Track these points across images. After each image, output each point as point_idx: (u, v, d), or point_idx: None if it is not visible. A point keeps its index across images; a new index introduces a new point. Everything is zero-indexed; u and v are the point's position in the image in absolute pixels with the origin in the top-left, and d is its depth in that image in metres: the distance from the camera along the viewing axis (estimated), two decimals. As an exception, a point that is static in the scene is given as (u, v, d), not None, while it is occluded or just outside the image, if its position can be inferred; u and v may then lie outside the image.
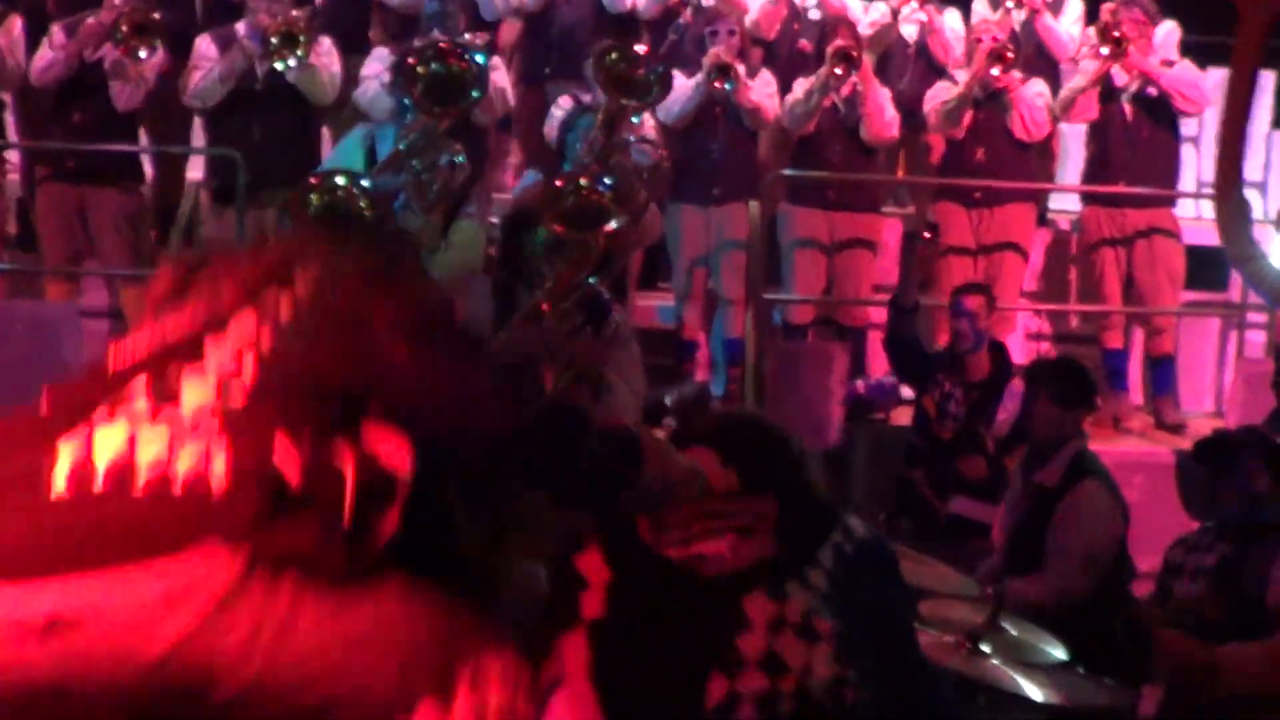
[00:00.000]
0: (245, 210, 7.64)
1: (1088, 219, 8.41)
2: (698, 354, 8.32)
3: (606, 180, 5.37)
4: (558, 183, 5.30)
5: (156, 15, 7.73)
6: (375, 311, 1.42)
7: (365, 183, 5.14)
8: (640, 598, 2.62)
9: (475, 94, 5.52)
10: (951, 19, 8.69)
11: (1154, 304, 8.19)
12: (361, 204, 5.07)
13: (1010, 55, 7.95)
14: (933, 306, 7.82)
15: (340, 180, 5.10)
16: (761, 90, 8.00)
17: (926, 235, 6.91)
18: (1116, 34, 7.92)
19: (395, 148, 5.58)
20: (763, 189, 8.02)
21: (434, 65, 5.45)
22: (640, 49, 6.06)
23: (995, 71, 7.97)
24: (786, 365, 7.87)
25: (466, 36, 7.60)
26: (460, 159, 5.60)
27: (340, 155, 6.25)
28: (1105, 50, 7.95)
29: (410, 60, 5.55)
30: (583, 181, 5.31)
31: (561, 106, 7.73)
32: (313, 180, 5.08)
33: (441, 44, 5.63)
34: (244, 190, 7.58)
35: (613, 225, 5.21)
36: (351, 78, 7.96)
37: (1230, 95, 3.68)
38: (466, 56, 5.48)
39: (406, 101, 5.78)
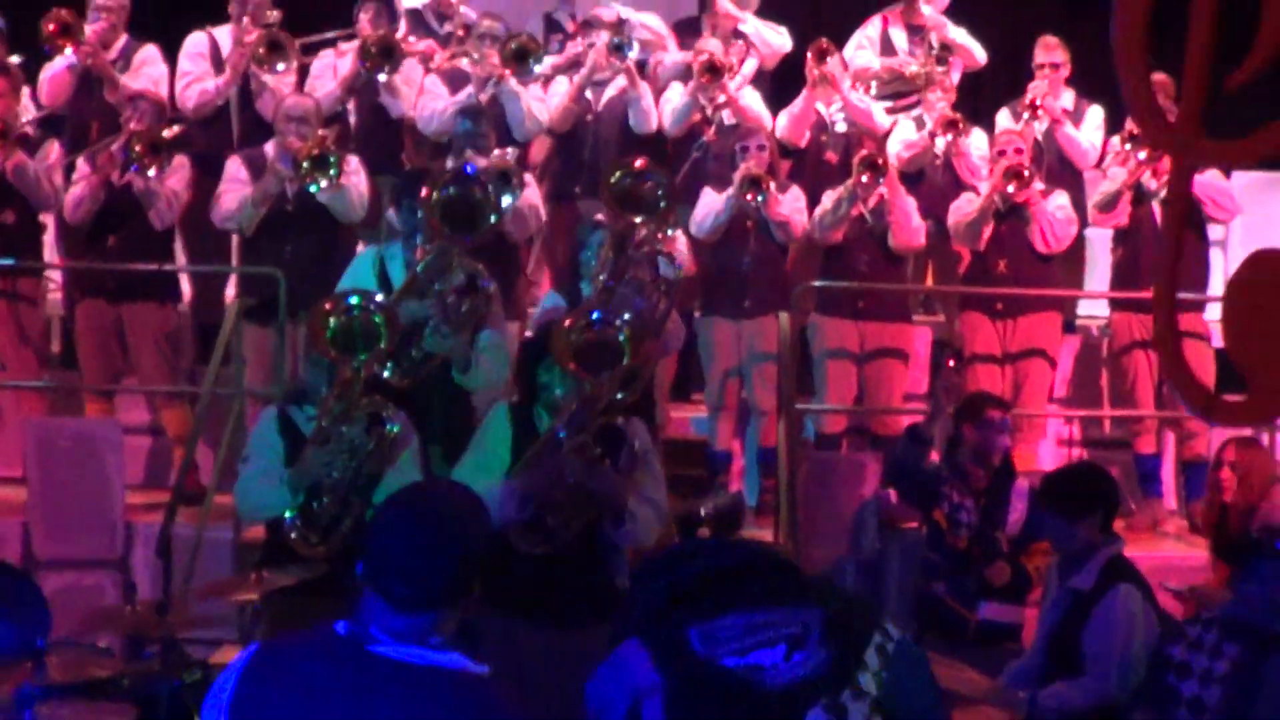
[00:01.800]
0: (282, 328, 7.76)
1: (1118, 324, 8.47)
2: (731, 465, 8.36)
3: (624, 315, 5.45)
4: (567, 322, 5.40)
5: (167, 133, 7.92)
6: None
7: (379, 299, 5.27)
8: (701, 707, 2.67)
9: (492, 219, 5.68)
10: (977, 138, 8.79)
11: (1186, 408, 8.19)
12: (376, 320, 5.21)
13: (1026, 173, 8.05)
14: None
15: (353, 300, 5.24)
16: (791, 204, 8.12)
17: (950, 364, 6.95)
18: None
19: (412, 271, 5.72)
20: (793, 300, 8.11)
21: (449, 190, 5.61)
22: (641, 164, 6.22)
23: (1011, 189, 8.07)
24: (820, 475, 7.91)
25: (497, 153, 7.76)
26: (482, 279, 5.73)
27: (352, 276, 6.36)
28: (1142, 155, 8.04)
29: (425, 189, 5.70)
30: (596, 316, 5.41)
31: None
32: (328, 304, 5.21)
33: (456, 170, 5.78)
34: (284, 307, 7.70)
35: (625, 363, 5.30)
36: (381, 196, 8.13)
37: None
38: (482, 184, 5.64)
39: (417, 217, 5.94)
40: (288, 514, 5.39)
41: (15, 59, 8.48)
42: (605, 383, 5.16)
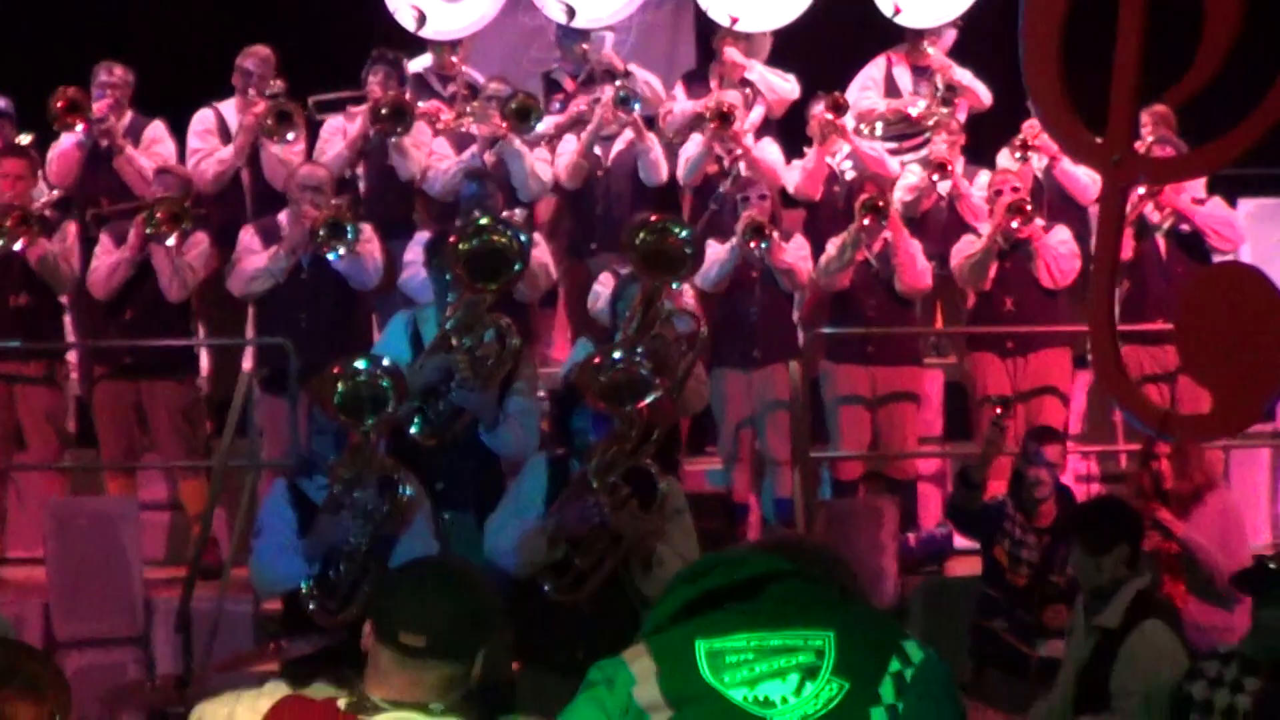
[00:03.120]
0: (297, 398, 7.77)
1: (1127, 357, 8.38)
2: (749, 516, 8.34)
3: (641, 352, 5.50)
4: (595, 360, 5.45)
5: (188, 203, 7.96)
6: None
7: (386, 364, 5.29)
8: None
9: (517, 267, 5.70)
10: (983, 177, 8.79)
11: (1203, 438, 8.16)
12: (383, 384, 5.22)
13: (1029, 208, 8.06)
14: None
15: (360, 365, 5.26)
16: (795, 251, 8.13)
17: (998, 410, 6.95)
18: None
19: (442, 327, 5.74)
20: (802, 348, 8.10)
21: (475, 241, 5.63)
22: (667, 222, 6.24)
23: (1015, 224, 8.07)
24: (838, 522, 7.88)
25: (505, 214, 7.79)
26: (509, 332, 5.75)
27: (386, 342, 6.38)
28: (1141, 190, 8.06)
29: (452, 238, 5.73)
30: (618, 355, 5.45)
31: (603, 283, 7.90)
32: (335, 370, 5.24)
33: (482, 220, 5.81)
34: (295, 378, 7.71)
35: (650, 398, 5.33)
36: (395, 262, 8.15)
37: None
38: (508, 231, 5.67)
39: (447, 279, 5.96)
40: (304, 584, 5.40)
41: (25, 138, 8.53)
42: (633, 418, 5.20)
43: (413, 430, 5.82)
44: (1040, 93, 3.54)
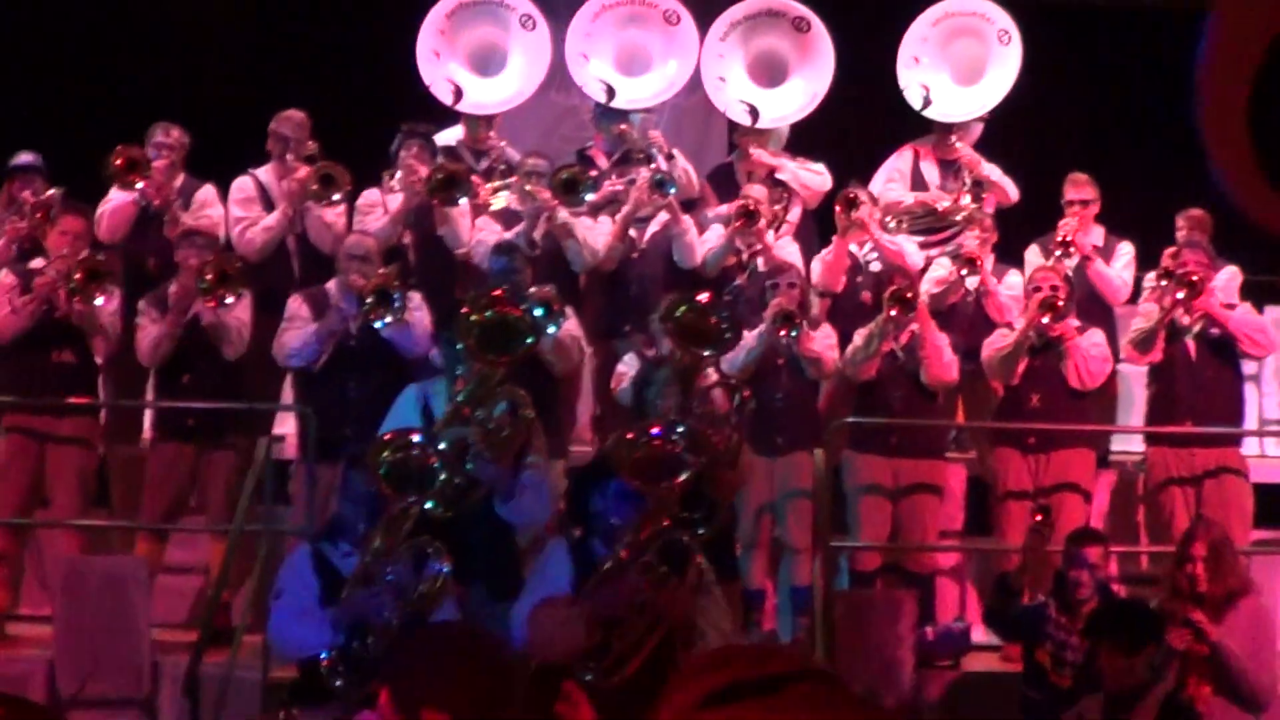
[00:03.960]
0: (314, 466, 7.73)
1: (1154, 459, 8.42)
2: (765, 603, 8.27)
3: (679, 429, 5.45)
4: (629, 435, 5.39)
5: (239, 263, 7.95)
6: None
7: (443, 445, 5.23)
8: None
9: (529, 340, 5.66)
10: (1012, 277, 8.80)
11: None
12: (434, 462, 5.17)
13: (1061, 304, 8.05)
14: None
15: (415, 439, 5.21)
16: (823, 340, 8.13)
17: (1038, 518, 6.90)
18: (1195, 277, 8.04)
19: (455, 400, 5.70)
20: (826, 437, 8.07)
21: (487, 313, 5.60)
22: (705, 298, 6.22)
23: (1046, 320, 8.06)
24: (855, 613, 7.81)
25: (532, 291, 7.77)
26: (522, 405, 5.71)
27: (396, 415, 6.34)
28: (1181, 295, 8.05)
29: (464, 309, 5.70)
30: (654, 431, 5.40)
31: (627, 363, 7.88)
32: (385, 438, 5.19)
33: (495, 292, 5.78)
34: (314, 445, 7.72)
35: (685, 475, 5.28)
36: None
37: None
38: (521, 304, 5.64)
39: (456, 350, 5.93)
40: (324, 654, 5.33)
41: (54, 192, 8.53)
42: (667, 496, 5.14)
43: (428, 506, 5.76)
44: (1221, 148, 3.33)
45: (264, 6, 12.27)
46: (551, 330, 7.40)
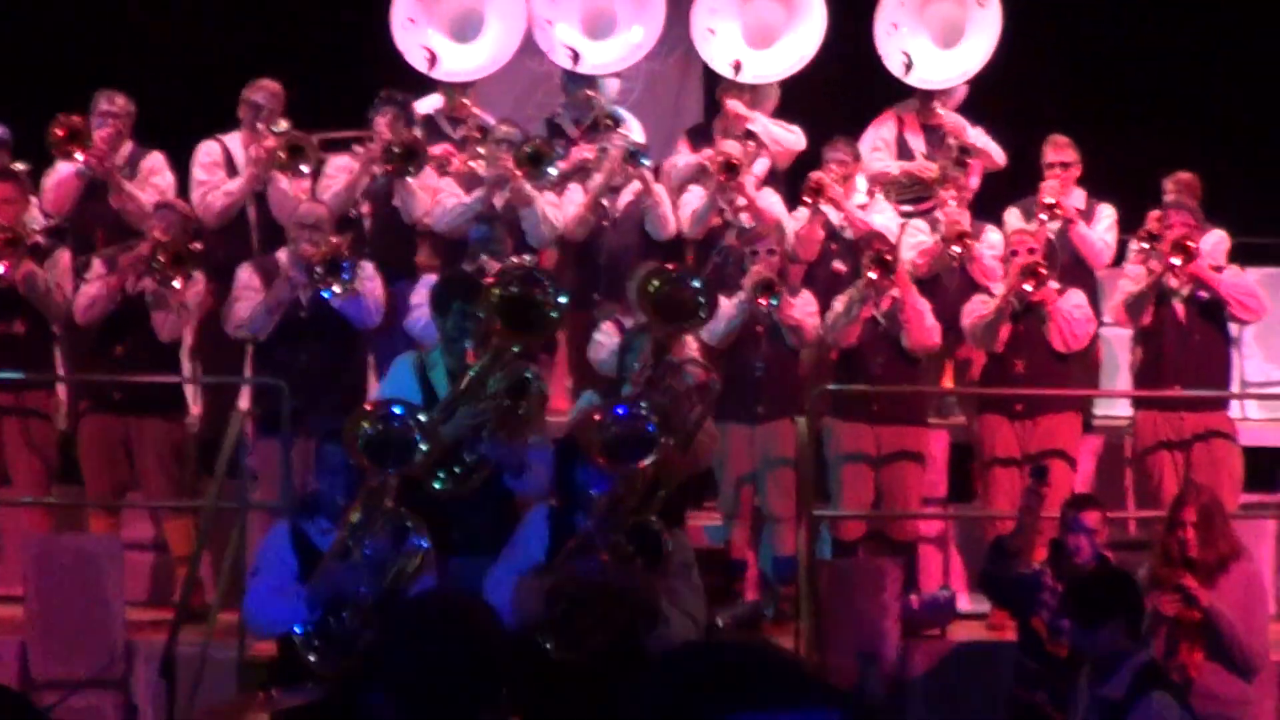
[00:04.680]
0: (291, 439, 7.61)
1: (1142, 423, 8.34)
2: (747, 573, 8.18)
3: (646, 407, 5.35)
4: (598, 416, 5.30)
5: (195, 245, 7.81)
6: None
7: (422, 416, 5.12)
8: None
9: (555, 315, 5.53)
10: (992, 234, 8.72)
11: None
12: (414, 436, 5.06)
13: (1043, 271, 7.96)
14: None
15: (394, 409, 5.09)
16: (803, 308, 8.05)
17: (1034, 477, 6.82)
18: (1189, 242, 7.95)
19: (464, 375, 5.56)
20: (807, 405, 7.97)
21: (513, 288, 5.47)
22: (680, 271, 6.12)
23: (1028, 288, 7.97)
24: (839, 582, 7.74)
25: (513, 260, 7.65)
26: (536, 379, 5.59)
27: (393, 384, 6.22)
28: (1177, 261, 7.96)
29: (489, 280, 5.55)
30: (622, 411, 5.30)
31: (605, 332, 7.78)
32: (367, 408, 5.07)
33: (530, 270, 5.65)
34: (288, 419, 7.56)
35: (653, 456, 5.19)
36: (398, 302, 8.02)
37: None
38: (550, 287, 5.51)
39: (458, 324, 5.80)
40: (298, 629, 5.22)
41: (20, 166, 8.39)
42: (636, 475, 5.07)
43: (436, 485, 5.62)
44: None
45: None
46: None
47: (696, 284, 6.19)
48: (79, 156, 8.28)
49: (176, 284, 7.71)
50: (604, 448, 5.21)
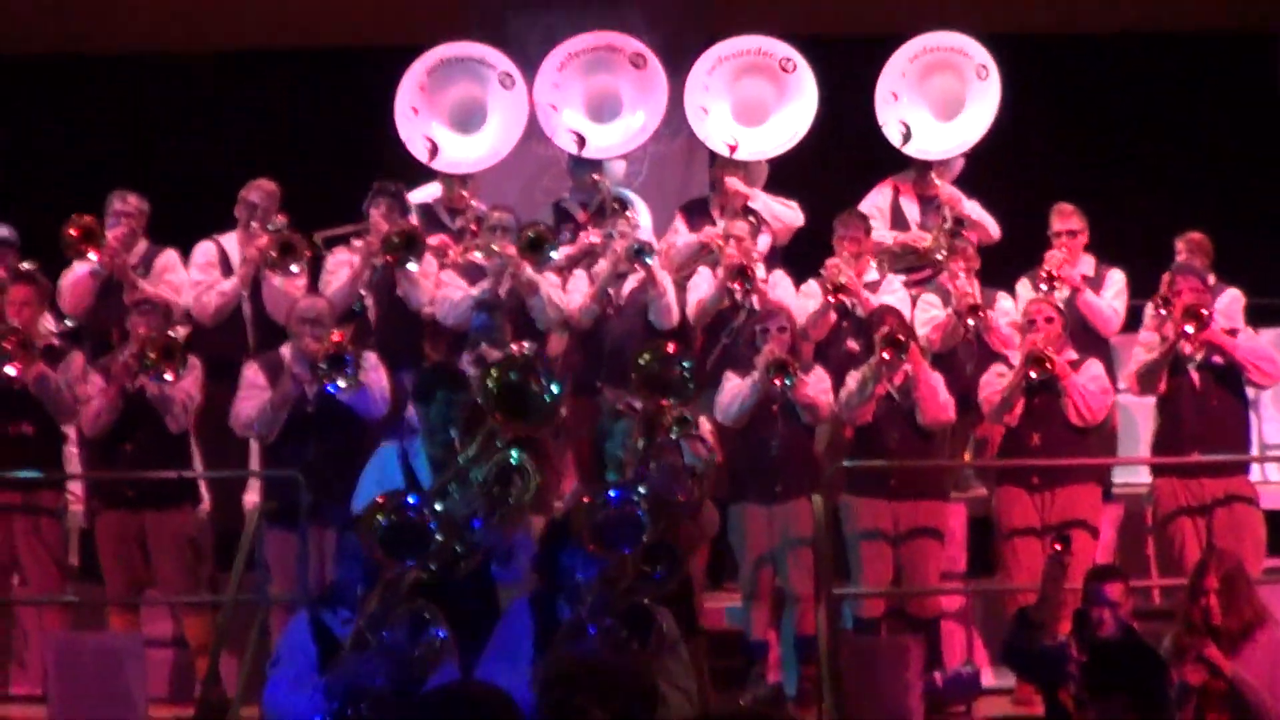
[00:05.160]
0: (306, 531, 7.60)
1: (1162, 490, 8.29)
2: (768, 654, 8.12)
3: (641, 490, 5.33)
4: (586, 499, 5.27)
5: (175, 334, 7.89)
6: None
7: (438, 506, 5.10)
8: None
9: (548, 398, 5.52)
10: (1004, 301, 8.73)
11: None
12: (430, 525, 5.03)
13: (1050, 365, 7.94)
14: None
15: (409, 499, 5.07)
16: (817, 385, 8.04)
17: (1058, 547, 6.78)
18: (1202, 310, 7.97)
19: (458, 463, 5.55)
20: (824, 482, 7.95)
21: (512, 375, 5.47)
22: (671, 348, 6.13)
23: (1034, 375, 7.96)
24: (861, 661, 7.67)
25: (513, 347, 7.66)
26: (527, 465, 5.57)
27: (377, 473, 6.22)
28: (1190, 329, 7.96)
29: (486, 367, 5.55)
30: (614, 495, 5.27)
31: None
32: (380, 500, 5.05)
33: (526, 357, 5.65)
34: (306, 510, 7.56)
35: (644, 539, 5.16)
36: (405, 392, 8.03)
37: None
38: (545, 378, 5.51)
39: (439, 413, 5.79)
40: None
41: (27, 265, 8.45)
42: (627, 561, 5.04)
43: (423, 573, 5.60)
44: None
45: (245, 71, 12.24)
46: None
47: (687, 364, 6.18)
48: (93, 256, 8.34)
49: (169, 376, 7.73)
50: (593, 532, 5.18)
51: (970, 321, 8.46)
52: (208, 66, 12.17)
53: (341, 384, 7.58)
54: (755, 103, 9.47)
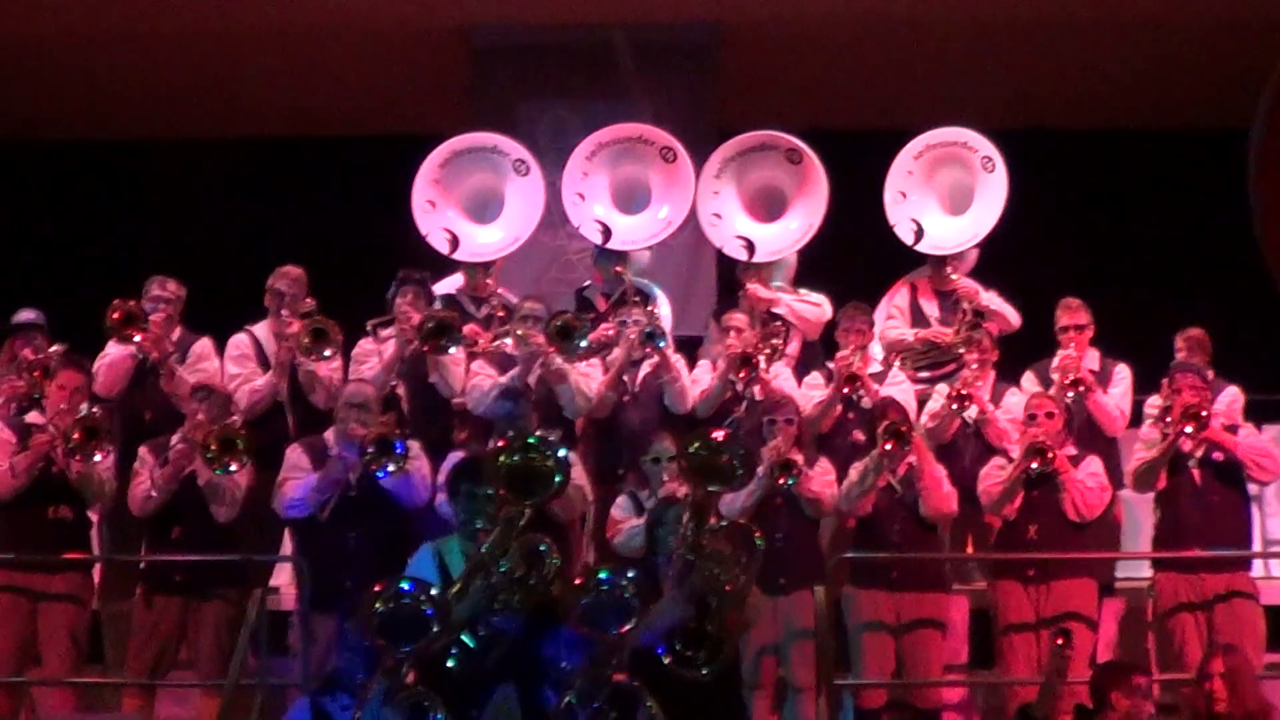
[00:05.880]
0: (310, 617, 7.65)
1: (1163, 585, 8.30)
2: (771, 744, 8.13)
3: (629, 574, 5.36)
4: (577, 581, 5.31)
5: (242, 428, 7.91)
6: None
7: (434, 591, 5.15)
8: None
9: (558, 479, 5.57)
10: (1011, 397, 8.76)
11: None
12: (425, 610, 5.08)
13: (1050, 454, 7.99)
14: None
15: (404, 586, 5.12)
16: (821, 478, 8.09)
17: (1059, 641, 6.80)
18: (1202, 412, 8.03)
19: (478, 552, 5.59)
20: (827, 573, 7.98)
21: (516, 458, 5.52)
22: (720, 435, 6.16)
23: (1034, 466, 8.02)
24: (864, 752, 7.69)
25: (539, 434, 7.69)
26: (549, 552, 5.60)
27: (414, 573, 6.25)
28: (1189, 429, 8.01)
29: (491, 453, 5.61)
30: (603, 577, 5.30)
31: (623, 509, 7.83)
32: (377, 589, 5.11)
33: (528, 439, 5.72)
34: (306, 598, 7.65)
35: (633, 622, 5.18)
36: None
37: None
38: (548, 451, 5.57)
39: (474, 504, 5.84)
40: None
41: (57, 347, 8.54)
42: (616, 643, 5.07)
43: (449, 664, 5.62)
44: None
45: (265, 162, 12.42)
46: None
47: (736, 450, 6.22)
48: (136, 339, 8.44)
49: (234, 467, 7.78)
50: (583, 615, 5.21)
51: (957, 409, 8.51)
52: (226, 152, 12.34)
53: (390, 469, 7.65)
54: (768, 195, 9.55)
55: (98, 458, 7.86)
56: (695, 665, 5.44)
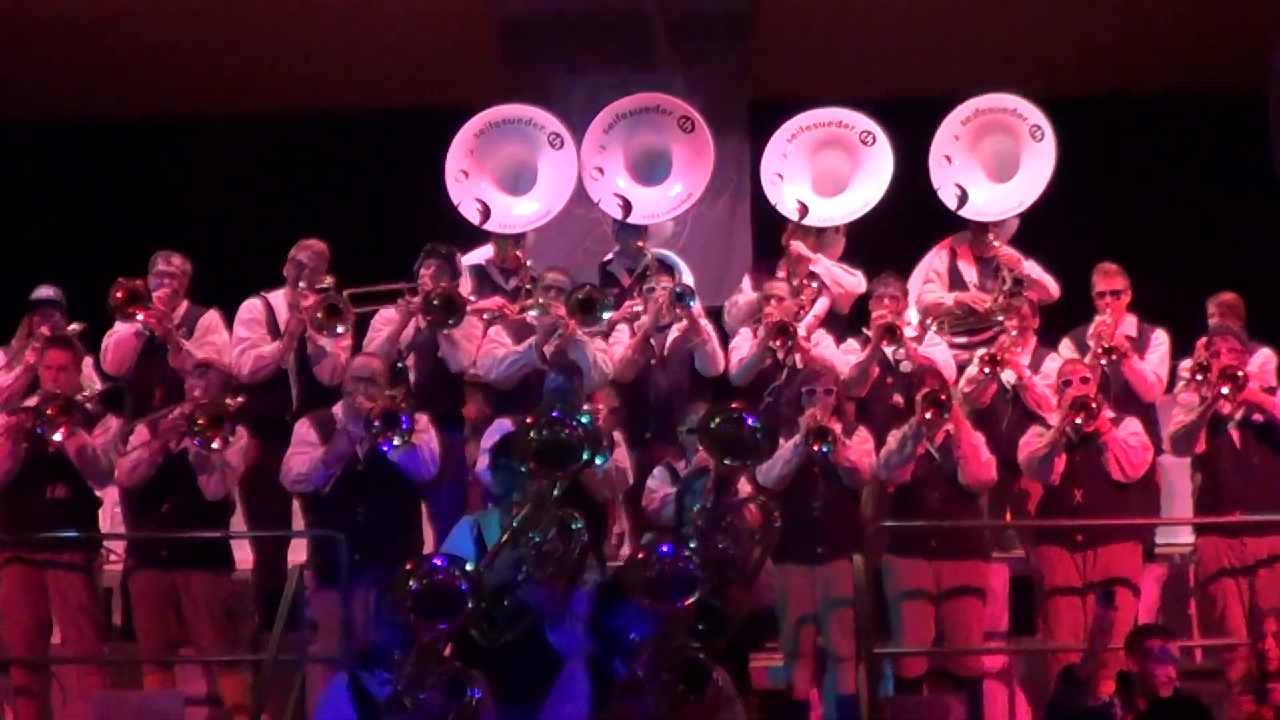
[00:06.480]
0: (350, 591, 7.62)
1: (1204, 550, 8.25)
2: (810, 714, 8.10)
3: (691, 545, 5.36)
4: (640, 555, 5.30)
5: (230, 403, 7.89)
6: None
7: (468, 566, 5.13)
8: None
9: (585, 455, 5.55)
10: (1050, 363, 8.72)
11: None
12: (460, 585, 5.06)
13: (1094, 404, 7.95)
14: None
15: (437, 563, 5.10)
16: (859, 447, 8.06)
17: (1105, 602, 6.76)
18: (1238, 372, 7.98)
19: (510, 523, 5.58)
20: (865, 542, 7.94)
21: (545, 432, 5.50)
22: (740, 409, 6.13)
23: (1079, 421, 7.96)
24: (904, 720, 7.66)
25: (586, 408, 7.67)
26: (576, 525, 5.59)
27: (451, 548, 6.22)
28: (1226, 390, 7.97)
29: (523, 429, 5.60)
30: (664, 550, 5.30)
31: (658, 480, 7.80)
32: (410, 565, 5.09)
33: (555, 412, 5.70)
34: (348, 571, 7.59)
35: (697, 595, 5.18)
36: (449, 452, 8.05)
37: None
38: (575, 424, 5.54)
39: (513, 476, 5.82)
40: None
41: (75, 326, 8.54)
42: (681, 616, 5.06)
43: (476, 635, 5.61)
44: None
45: (293, 136, 12.40)
46: (600, 461, 7.28)
47: (756, 421, 6.19)
48: (139, 317, 8.43)
49: (216, 445, 7.77)
50: (646, 587, 5.20)
51: (989, 374, 8.49)
52: (258, 128, 12.32)
53: (396, 443, 7.62)
54: (834, 173, 9.54)
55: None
56: (701, 637, 5.43)
